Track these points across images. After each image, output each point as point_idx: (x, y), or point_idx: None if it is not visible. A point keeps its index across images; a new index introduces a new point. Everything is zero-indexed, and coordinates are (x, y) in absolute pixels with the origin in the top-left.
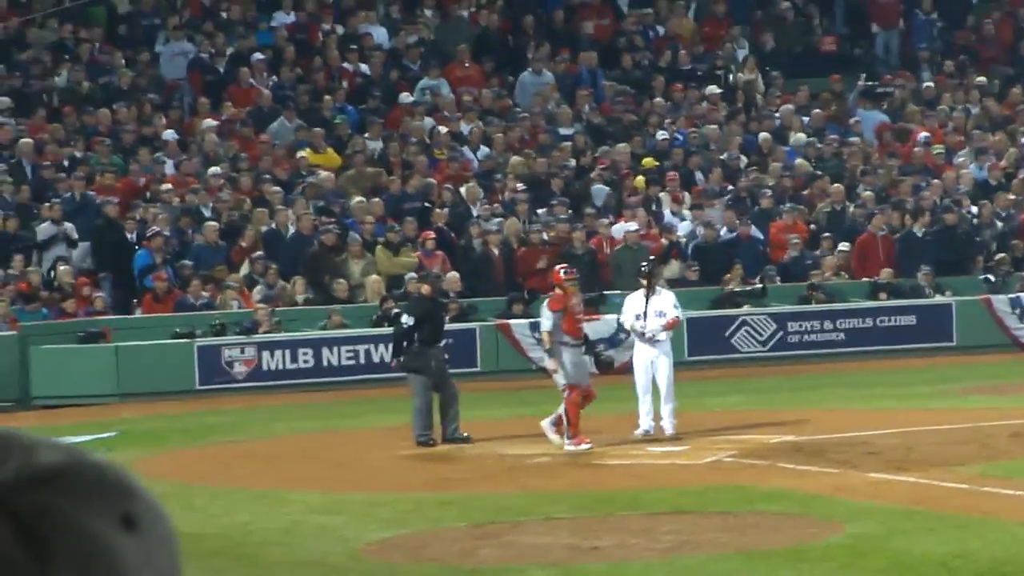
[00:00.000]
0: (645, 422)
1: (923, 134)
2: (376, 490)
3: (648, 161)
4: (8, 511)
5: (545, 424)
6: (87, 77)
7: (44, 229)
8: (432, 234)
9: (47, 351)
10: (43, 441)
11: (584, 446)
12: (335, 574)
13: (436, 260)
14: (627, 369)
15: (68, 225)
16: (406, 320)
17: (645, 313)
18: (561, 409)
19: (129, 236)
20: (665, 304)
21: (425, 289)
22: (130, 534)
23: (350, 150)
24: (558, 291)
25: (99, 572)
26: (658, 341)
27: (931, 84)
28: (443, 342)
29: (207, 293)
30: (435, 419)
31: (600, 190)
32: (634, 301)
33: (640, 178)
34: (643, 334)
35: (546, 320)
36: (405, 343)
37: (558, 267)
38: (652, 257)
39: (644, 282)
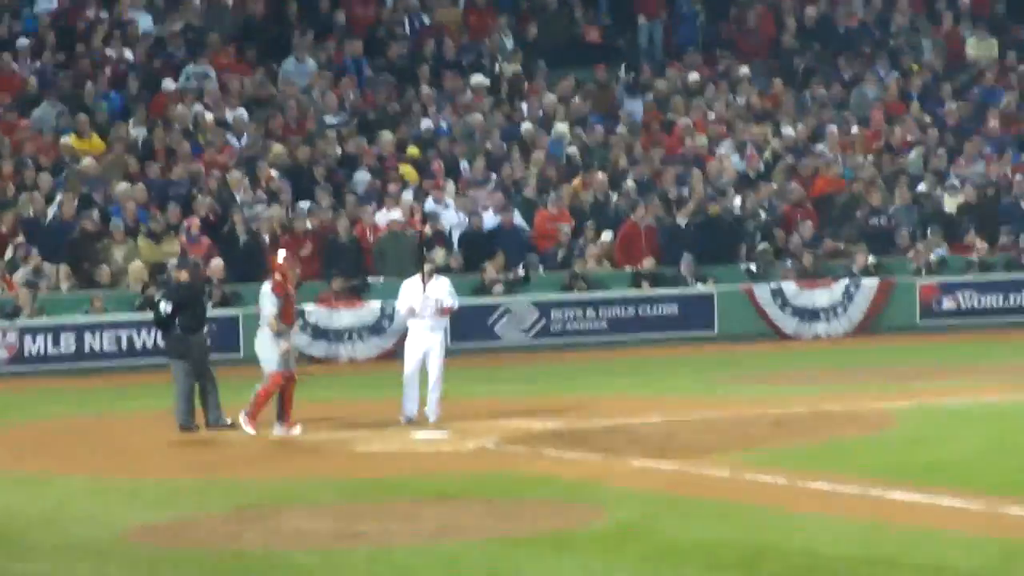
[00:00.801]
0: (410, 408)
1: (683, 120)
2: (140, 475)
3: (413, 150)
4: None
5: (243, 422)
6: None
7: None
8: (196, 221)
9: None
10: None
11: (250, 430)
12: (97, 558)
13: (201, 247)
14: (395, 355)
15: None
16: (164, 307)
17: (425, 300)
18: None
19: None
20: (441, 291)
21: (183, 276)
22: None
23: (113, 136)
24: (278, 277)
25: None
26: (433, 328)
27: (695, 75)
28: (205, 329)
29: None
30: (199, 405)
31: (363, 178)
32: (411, 287)
33: (408, 167)
34: (423, 316)
35: (272, 305)
36: (165, 329)
37: (279, 253)
38: (424, 243)
39: (427, 268)
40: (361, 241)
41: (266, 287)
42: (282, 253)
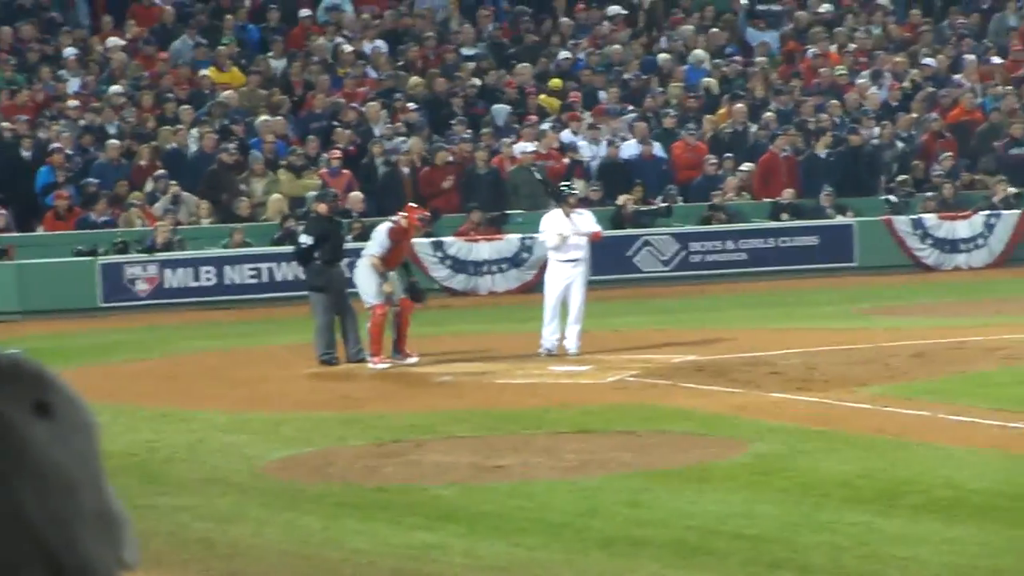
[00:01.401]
0: (549, 341)
1: (812, 51)
2: (279, 409)
3: (555, 82)
4: None
5: (370, 362)
6: None
7: None
8: (338, 153)
9: None
10: None
11: (379, 366)
12: (238, 492)
13: (342, 179)
14: (535, 287)
15: None
16: (304, 240)
17: (567, 235)
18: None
19: (26, 154)
20: (586, 222)
21: (322, 208)
22: (42, 419)
23: (252, 69)
24: (403, 224)
25: (3, 449)
26: (576, 261)
27: (830, 5)
28: (343, 261)
29: (109, 212)
30: (339, 338)
31: (501, 110)
32: (554, 220)
33: (550, 98)
34: (568, 248)
35: (380, 246)
36: (305, 262)
37: (415, 208)
38: (569, 182)
39: (572, 199)
40: (500, 173)
41: (383, 226)
42: (420, 211)
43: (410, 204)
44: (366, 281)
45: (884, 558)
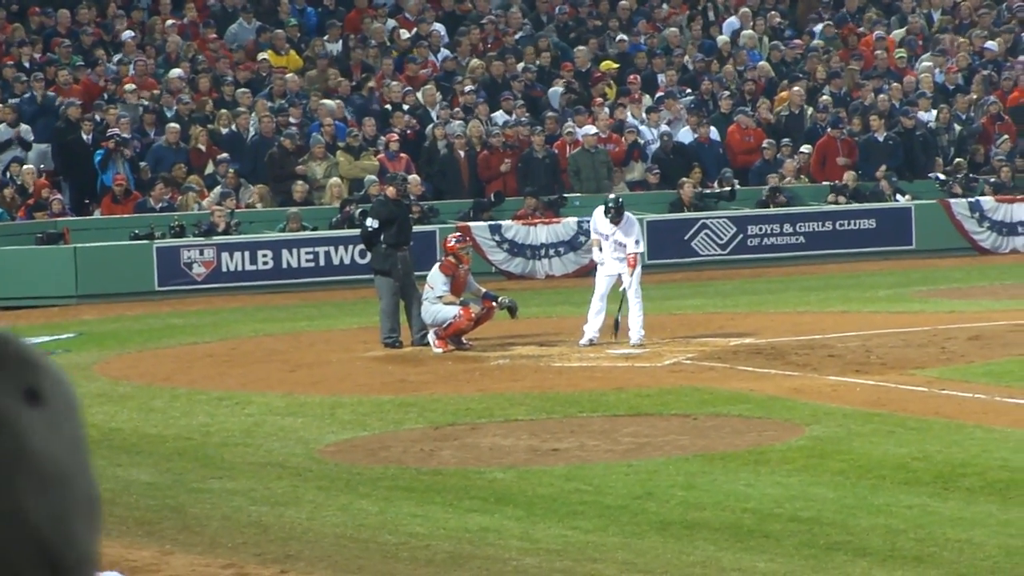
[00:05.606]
0: (590, 333)
1: (877, 34)
2: (336, 392)
3: (607, 64)
4: None
5: (432, 341)
6: None
7: None
8: (395, 136)
9: (5, 252)
10: None
11: (438, 350)
12: (294, 475)
13: (400, 163)
14: (592, 271)
15: (23, 127)
16: (370, 222)
17: (607, 236)
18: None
19: (86, 137)
20: (627, 235)
21: (390, 191)
22: (34, 407)
23: (309, 52)
24: (451, 258)
25: (3, 445)
26: (621, 259)
27: None
28: (409, 245)
29: (167, 195)
30: (402, 321)
31: (560, 93)
32: (597, 218)
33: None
34: (604, 260)
35: (443, 285)
36: (370, 245)
37: (450, 236)
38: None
39: (611, 207)
40: (559, 157)
41: (435, 268)
42: (455, 236)
43: (447, 239)
44: (438, 312)
45: (940, 540)
